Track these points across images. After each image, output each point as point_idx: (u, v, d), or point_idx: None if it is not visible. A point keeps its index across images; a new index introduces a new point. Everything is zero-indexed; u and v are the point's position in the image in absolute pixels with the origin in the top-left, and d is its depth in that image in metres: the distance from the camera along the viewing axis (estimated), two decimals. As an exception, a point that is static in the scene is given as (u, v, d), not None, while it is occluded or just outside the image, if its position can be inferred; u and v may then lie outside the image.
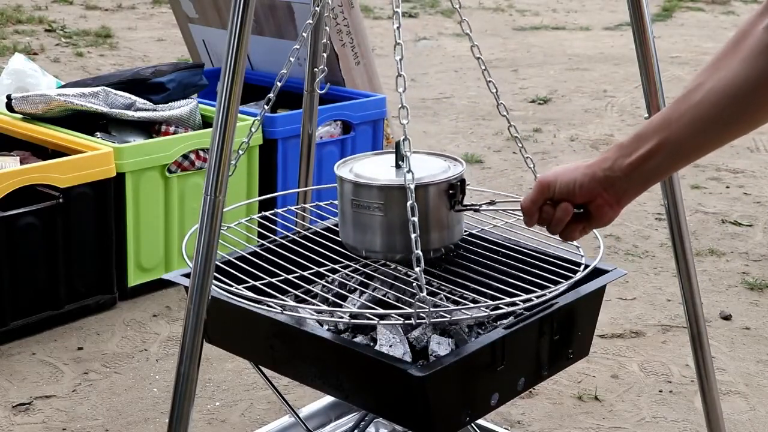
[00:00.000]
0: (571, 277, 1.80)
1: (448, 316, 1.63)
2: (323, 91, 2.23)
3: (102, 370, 2.89)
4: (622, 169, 1.35)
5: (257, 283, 1.81)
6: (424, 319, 1.59)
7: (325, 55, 2.15)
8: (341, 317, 1.71)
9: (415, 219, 1.57)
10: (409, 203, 1.58)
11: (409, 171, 1.59)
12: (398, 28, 1.62)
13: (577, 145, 5.27)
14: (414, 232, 1.56)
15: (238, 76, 1.60)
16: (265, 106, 1.91)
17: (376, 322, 1.66)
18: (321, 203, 2.18)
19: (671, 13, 9.80)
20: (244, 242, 2.01)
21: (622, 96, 6.34)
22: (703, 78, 1.28)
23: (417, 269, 1.56)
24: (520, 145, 1.98)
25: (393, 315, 1.64)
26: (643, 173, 1.34)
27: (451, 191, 1.73)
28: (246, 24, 1.59)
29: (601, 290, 1.88)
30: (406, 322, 1.63)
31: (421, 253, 1.56)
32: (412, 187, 1.58)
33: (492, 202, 1.79)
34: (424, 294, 1.56)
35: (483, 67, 1.92)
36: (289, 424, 2.31)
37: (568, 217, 1.46)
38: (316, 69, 2.20)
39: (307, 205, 2.22)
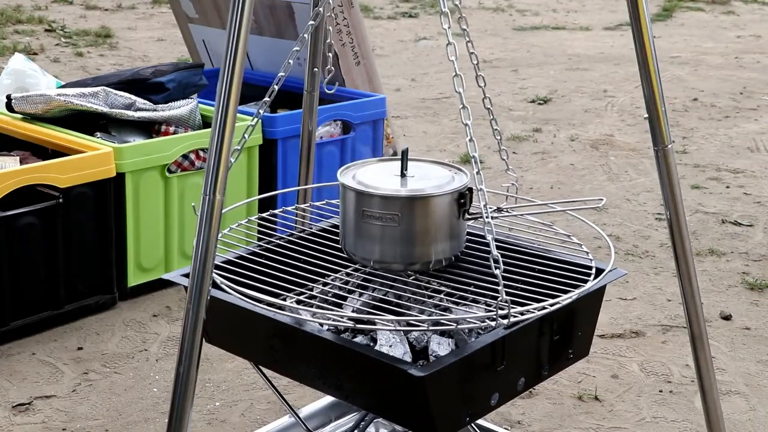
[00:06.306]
0: (588, 278, 1.79)
1: (518, 316, 1.62)
2: (332, 92, 2.22)
3: (102, 370, 2.89)
4: None
5: (257, 284, 1.81)
6: (505, 319, 1.58)
7: (330, 55, 2.15)
8: (342, 318, 1.70)
9: (492, 221, 1.59)
10: (488, 237, 1.57)
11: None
12: (449, 28, 1.64)
13: (577, 145, 5.27)
14: (490, 234, 1.57)
15: (237, 76, 1.60)
16: (260, 111, 1.89)
17: (454, 327, 1.64)
18: (332, 201, 2.17)
19: (671, 13, 9.80)
20: (244, 242, 2.00)
21: (622, 96, 6.34)
22: None
23: (497, 272, 1.55)
24: (498, 138, 2.00)
25: (469, 320, 1.63)
26: None
27: (461, 200, 1.74)
28: (245, 24, 1.59)
29: (601, 290, 1.88)
30: (485, 324, 1.62)
31: (498, 255, 1.56)
32: (491, 225, 1.58)
33: (499, 209, 1.81)
34: (505, 297, 1.56)
35: (475, 62, 1.93)
36: (289, 424, 2.31)
37: None
38: (316, 69, 2.20)
39: (308, 203, 2.22)
